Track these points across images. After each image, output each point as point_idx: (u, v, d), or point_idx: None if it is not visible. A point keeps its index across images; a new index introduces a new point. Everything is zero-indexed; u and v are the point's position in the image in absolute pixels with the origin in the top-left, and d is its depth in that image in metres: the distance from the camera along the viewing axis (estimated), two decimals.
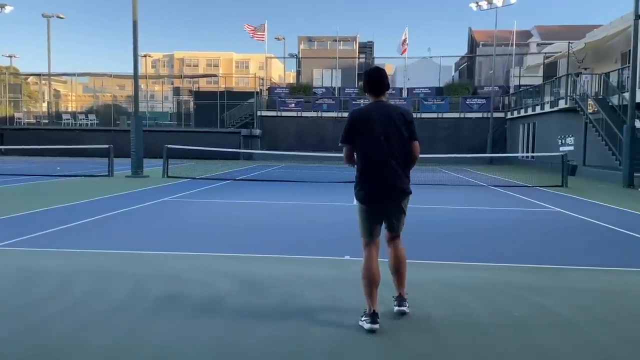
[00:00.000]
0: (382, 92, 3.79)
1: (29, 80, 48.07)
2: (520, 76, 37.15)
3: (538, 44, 41.92)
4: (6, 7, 37.87)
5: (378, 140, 3.62)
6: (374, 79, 3.79)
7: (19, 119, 39.72)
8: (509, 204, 11.43)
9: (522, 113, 29.67)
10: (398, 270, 3.88)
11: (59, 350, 3.22)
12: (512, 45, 37.60)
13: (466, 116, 33.49)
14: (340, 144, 3.77)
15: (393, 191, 3.70)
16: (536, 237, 7.51)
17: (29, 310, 3.91)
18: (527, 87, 31.70)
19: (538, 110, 26.90)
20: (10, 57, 50.92)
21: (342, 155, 3.86)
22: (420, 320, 3.82)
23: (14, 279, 4.78)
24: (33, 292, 4.39)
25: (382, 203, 3.72)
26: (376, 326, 3.51)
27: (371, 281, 3.62)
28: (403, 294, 3.92)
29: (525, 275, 5.22)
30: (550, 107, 25.00)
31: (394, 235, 3.88)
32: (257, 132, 34.14)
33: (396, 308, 3.87)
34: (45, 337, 3.42)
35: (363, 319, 3.59)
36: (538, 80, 33.58)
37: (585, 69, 26.66)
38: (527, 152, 28.70)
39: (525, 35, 44.29)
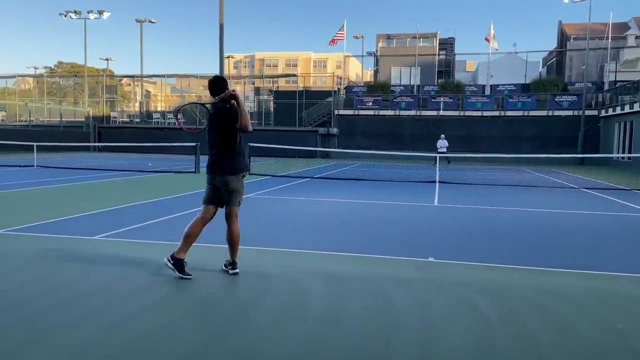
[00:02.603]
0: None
1: (123, 81, 51.58)
2: (616, 71, 34.67)
3: (637, 37, 38.93)
4: (104, 13, 40.80)
5: None
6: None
7: (114, 118, 42.68)
8: (605, 208, 10.66)
9: (618, 111, 27.66)
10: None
11: (156, 341, 3.38)
12: (607, 38, 35.16)
13: (555, 114, 31.76)
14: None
15: None
16: (638, 244, 6.95)
17: (129, 299, 4.17)
18: (625, 82, 29.51)
19: (637, 107, 24.95)
20: (107, 60, 54.83)
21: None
22: (515, 329, 3.65)
23: (117, 268, 5.10)
24: (135, 279, 4.67)
25: None
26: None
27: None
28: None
29: (628, 285, 4.85)
30: None
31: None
32: (335, 130, 34.36)
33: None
34: (140, 328, 3.61)
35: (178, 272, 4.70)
36: (637, 76, 31.14)
37: None
38: (623, 152, 26.72)
39: (622, 27, 41.25)
